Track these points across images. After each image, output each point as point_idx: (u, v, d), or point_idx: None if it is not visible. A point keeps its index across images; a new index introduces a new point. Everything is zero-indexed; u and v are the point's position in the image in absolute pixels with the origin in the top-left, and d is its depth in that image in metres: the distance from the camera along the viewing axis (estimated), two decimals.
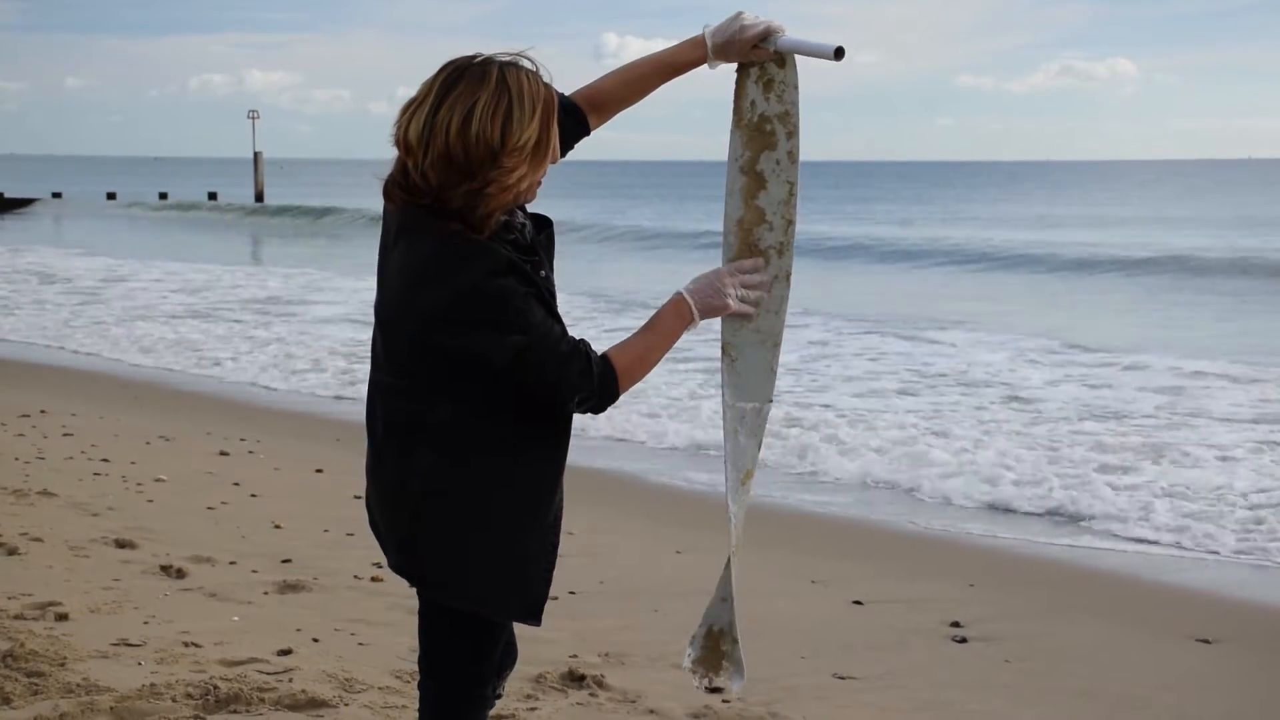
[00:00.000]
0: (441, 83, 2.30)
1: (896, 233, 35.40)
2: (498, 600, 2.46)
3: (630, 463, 8.55)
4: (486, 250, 2.30)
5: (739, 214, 2.70)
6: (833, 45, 2.57)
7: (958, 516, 7.30)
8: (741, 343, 2.72)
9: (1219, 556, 6.45)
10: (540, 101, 2.31)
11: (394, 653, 4.47)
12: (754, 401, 2.74)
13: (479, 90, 2.27)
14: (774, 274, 2.69)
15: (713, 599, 2.86)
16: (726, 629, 2.85)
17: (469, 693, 2.56)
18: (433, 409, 2.35)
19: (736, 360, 2.73)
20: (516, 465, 2.41)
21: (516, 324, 2.29)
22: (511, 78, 2.29)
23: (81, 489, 6.91)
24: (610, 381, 2.42)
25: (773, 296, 2.70)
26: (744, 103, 2.68)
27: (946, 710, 4.32)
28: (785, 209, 2.67)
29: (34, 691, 3.87)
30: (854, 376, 11.96)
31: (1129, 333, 15.47)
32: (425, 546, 2.42)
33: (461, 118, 2.25)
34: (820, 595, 5.66)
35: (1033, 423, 9.61)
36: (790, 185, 2.67)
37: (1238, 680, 4.77)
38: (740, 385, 2.74)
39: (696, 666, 2.87)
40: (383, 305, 2.42)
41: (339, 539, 6.11)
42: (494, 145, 2.25)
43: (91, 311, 17.54)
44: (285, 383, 11.80)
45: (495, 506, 2.39)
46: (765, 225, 2.68)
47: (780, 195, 2.67)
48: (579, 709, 4.11)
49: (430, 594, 2.48)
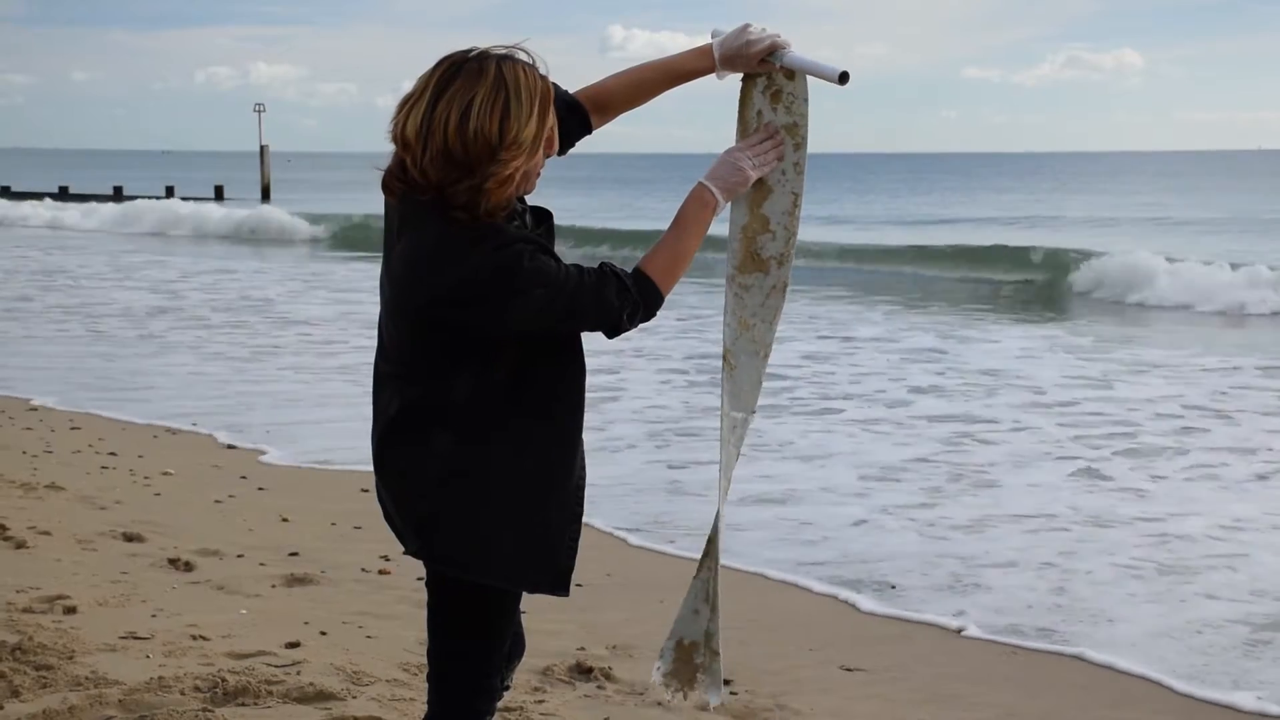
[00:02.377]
0: (439, 78, 2.29)
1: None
2: (523, 573, 2.47)
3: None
4: (492, 228, 2.31)
5: (743, 220, 2.71)
6: (838, 69, 2.58)
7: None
8: (739, 351, 2.73)
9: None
10: (537, 94, 2.31)
11: (402, 645, 4.47)
12: (743, 411, 2.75)
13: (476, 85, 2.27)
14: (772, 284, 2.70)
15: (681, 611, 2.82)
16: (701, 641, 2.81)
17: (477, 684, 2.56)
18: (450, 391, 2.36)
19: (735, 369, 2.74)
20: (537, 434, 2.42)
21: (535, 280, 2.30)
22: (509, 71, 2.29)
23: (89, 482, 6.93)
24: (650, 289, 2.45)
25: (767, 308, 2.70)
26: (749, 112, 2.68)
27: (953, 703, 4.32)
28: (789, 219, 2.68)
29: (43, 684, 3.88)
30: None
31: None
32: (447, 526, 2.42)
33: (460, 114, 2.25)
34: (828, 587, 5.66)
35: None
36: (795, 196, 2.67)
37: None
38: (736, 394, 2.75)
39: (669, 680, 2.83)
40: (391, 295, 2.42)
41: (346, 532, 6.12)
42: (493, 141, 2.25)
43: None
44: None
45: (515, 480, 2.40)
46: (768, 234, 2.69)
47: (784, 205, 2.68)
48: (587, 701, 4.12)
49: (454, 573, 2.47)
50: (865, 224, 37.19)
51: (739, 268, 2.71)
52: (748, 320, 2.70)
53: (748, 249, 2.70)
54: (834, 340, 13.57)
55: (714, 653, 2.81)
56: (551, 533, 2.47)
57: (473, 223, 2.30)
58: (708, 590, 2.79)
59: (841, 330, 14.45)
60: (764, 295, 2.71)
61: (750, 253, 2.70)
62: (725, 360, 2.74)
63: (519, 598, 2.57)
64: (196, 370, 11.53)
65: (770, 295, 2.70)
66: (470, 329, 2.33)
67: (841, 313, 16.28)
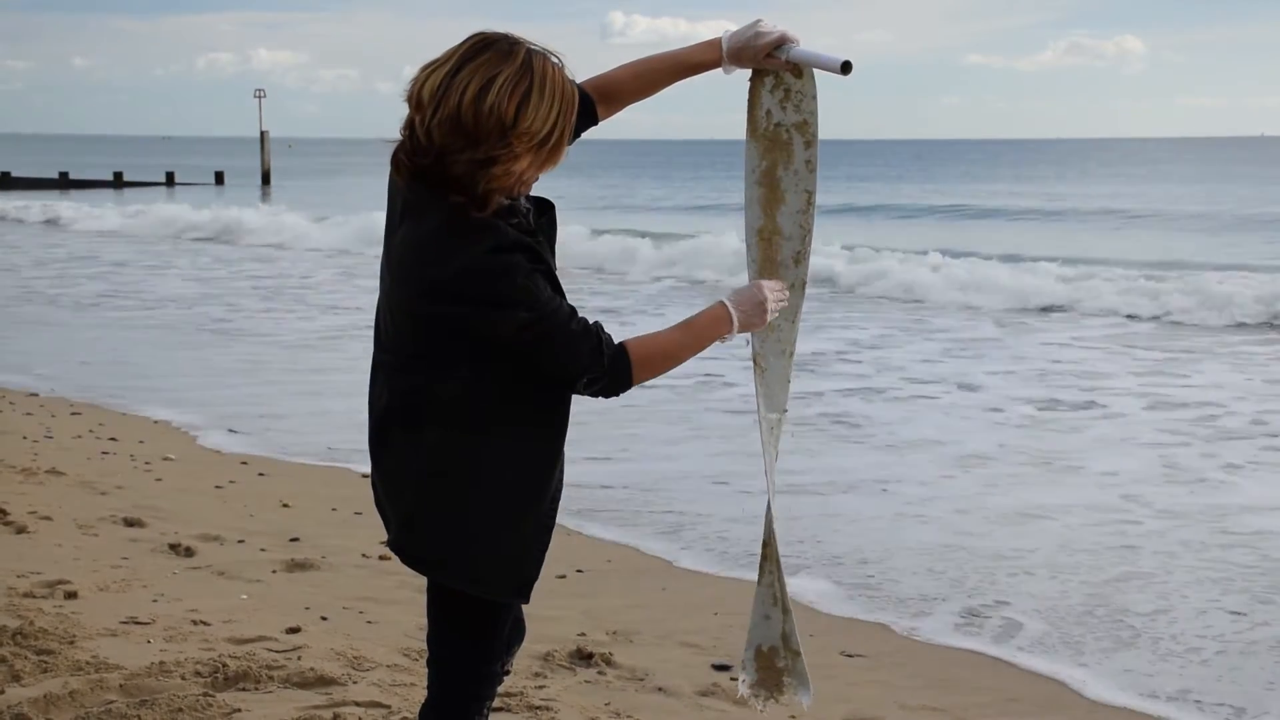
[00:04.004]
0: (467, 49, 2.28)
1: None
2: (491, 580, 2.46)
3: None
4: (491, 226, 2.29)
5: (758, 224, 2.72)
6: (840, 59, 2.59)
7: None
8: (767, 352, 2.74)
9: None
10: (561, 95, 2.29)
11: (402, 631, 4.48)
12: (777, 412, 2.76)
13: (503, 64, 2.25)
14: (790, 282, 2.70)
15: (752, 619, 2.82)
16: (780, 645, 2.82)
17: (478, 670, 2.56)
18: (442, 386, 2.35)
19: (766, 371, 2.75)
20: (520, 446, 2.40)
21: (522, 300, 2.27)
22: (538, 62, 2.28)
23: (90, 468, 6.93)
24: (623, 367, 2.39)
25: (791, 306, 2.70)
26: (759, 113, 2.69)
27: (954, 687, 4.32)
28: (803, 218, 2.69)
29: (44, 669, 3.89)
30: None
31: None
32: (423, 525, 2.42)
33: (480, 85, 2.23)
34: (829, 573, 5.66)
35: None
36: (808, 194, 2.68)
37: None
38: (770, 396, 2.76)
39: (756, 690, 2.84)
40: (389, 283, 2.41)
41: (347, 518, 6.12)
42: (505, 121, 2.23)
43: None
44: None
45: (496, 487, 2.39)
46: (783, 235, 2.70)
47: (798, 205, 2.69)
48: (587, 687, 4.12)
49: (423, 573, 2.49)
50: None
51: (760, 271, 2.72)
52: (772, 320, 2.70)
53: (765, 251, 2.71)
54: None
55: (795, 653, 2.82)
56: (522, 545, 2.45)
57: (471, 212, 2.28)
58: (774, 593, 2.80)
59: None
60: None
61: (768, 255, 2.71)
62: (755, 363, 2.75)
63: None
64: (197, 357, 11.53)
65: (791, 293, 2.70)
66: (454, 325, 2.30)
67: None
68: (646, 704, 4.01)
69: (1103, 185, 55.30)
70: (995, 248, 23.00)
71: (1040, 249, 22.97)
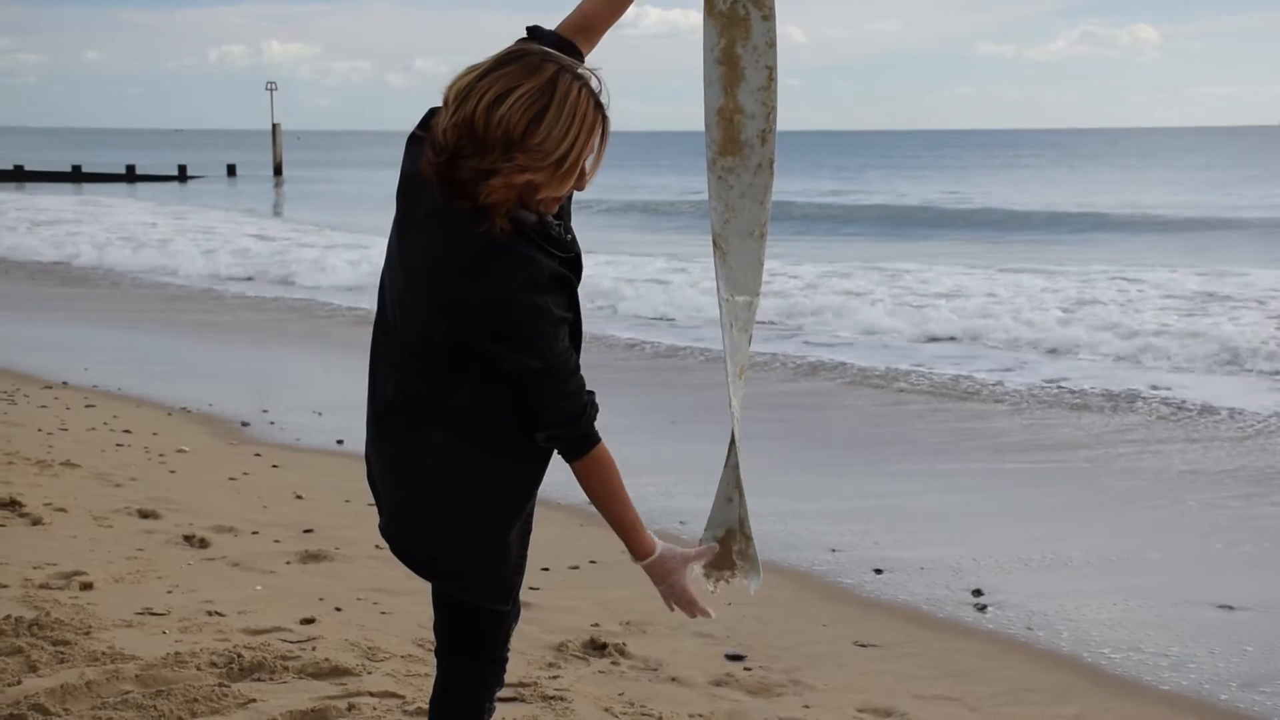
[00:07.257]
0: (501, 57, 2.28)
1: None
2: (476, 584, 2.48)
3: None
4: (529, 259, 2.27)
5: (718, 103, 2.66)
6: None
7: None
8: (730, 234, 2.70)
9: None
10: (581, 121, 2.25)
11: (416, 621, 4.49)
12: (745, 295, 2.71)
13: (524, 79, 2.23)
14: (757, 162, 2.66)
15: (715, 501, 2.79)
16: (736, 528, 2.79)
17: (486, 656, 2.59)
18: (453, 393, 2.34)
19: (728, 254, 2.70)
20: (516, 465, 2.41)
21: (539, 350, 2.28)
22: (563, 83, 2.25)
23: (104, 460, 6.96)
24: (585, 446, 2.38)
25: (756, 186, 2.66)
26: None
27: (966, 677, 4.32)
28: (765, 95, 2.64)
29: (60, 660, 3.91)
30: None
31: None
32: (415, 522, 2.44)
33: (496, 94, 2.22)
34: (841, 563, 5.66)
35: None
36: (769, 70, 2.64)
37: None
38: (732, 279, 2.71)
39: (709, 571, 2.81)
40: (406, 288, 2.36)
41: (360, 509, 6.12)
42: (513, 135, 2.21)
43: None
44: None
45: (488, 499, 2.40)
46: (745, 114, 2.65)
47: (759, 82, 2.64)
48: (601, 677, 4.12)
49: (413, 568, 2.50)
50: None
51: (720, 151, 2.67)
52: (734, 202, 2.65)
53: (726, 131, 2.66)
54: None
55: (748, 537, 2.80)
56: (506, 553, 2.47)
57: (505, 233, 2.25)
58: (738, 475, 2.78)
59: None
60: (751, 174, 2.67)
61: (729, 134, 2.65)
62: (716, 246, 2.71)
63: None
64: (212, 349, 11.56)
65: (757, 173, 2.66)
66: (470, 343, 2.29)
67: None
68: (660, 694, 4.02)
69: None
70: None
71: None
